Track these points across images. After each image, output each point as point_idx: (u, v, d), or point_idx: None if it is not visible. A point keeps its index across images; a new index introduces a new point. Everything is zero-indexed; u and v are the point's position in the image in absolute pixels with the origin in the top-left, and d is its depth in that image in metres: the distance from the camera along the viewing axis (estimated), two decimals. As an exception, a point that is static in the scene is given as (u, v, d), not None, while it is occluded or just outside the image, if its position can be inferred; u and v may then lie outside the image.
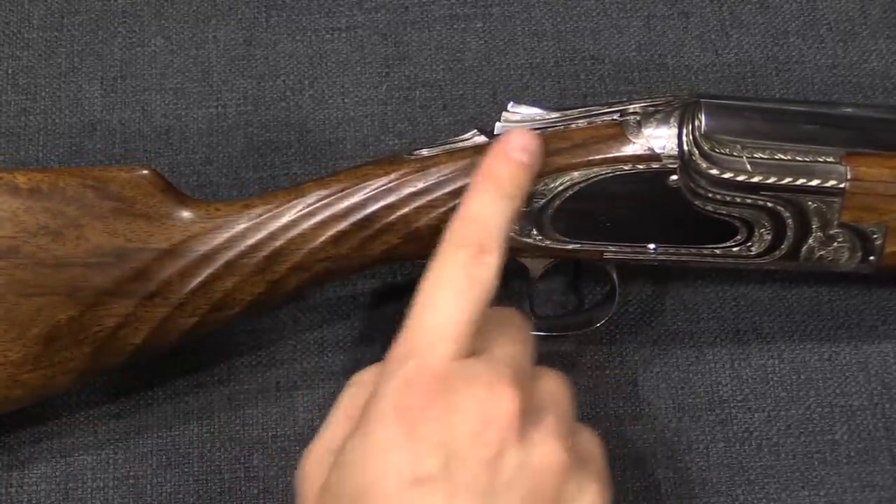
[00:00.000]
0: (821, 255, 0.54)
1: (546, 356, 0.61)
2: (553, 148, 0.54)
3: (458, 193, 0.53)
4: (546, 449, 0.44)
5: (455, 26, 0.67)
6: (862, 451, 0.60)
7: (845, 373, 0.61)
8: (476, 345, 0.46)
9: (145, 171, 0.55)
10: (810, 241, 0.54)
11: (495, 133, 0.55)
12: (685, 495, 0.59)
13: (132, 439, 0.60)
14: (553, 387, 0.48)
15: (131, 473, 0.59)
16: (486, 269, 0.47)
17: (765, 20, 0.67)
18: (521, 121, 0.55)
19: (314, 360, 0.61)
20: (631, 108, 0.54)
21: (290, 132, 0.65)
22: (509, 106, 0.55)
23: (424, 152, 0.55)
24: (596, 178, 0.53)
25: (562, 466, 0.44)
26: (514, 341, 0.48)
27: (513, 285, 0.62)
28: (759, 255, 0.55)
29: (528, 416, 0.45)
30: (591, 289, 0.63)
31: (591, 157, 0.53)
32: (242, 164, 0.64)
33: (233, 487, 0.59)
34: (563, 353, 0.61)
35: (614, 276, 0.58)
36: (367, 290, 0.62)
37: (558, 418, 0.46)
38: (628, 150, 0.53)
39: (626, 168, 0.53)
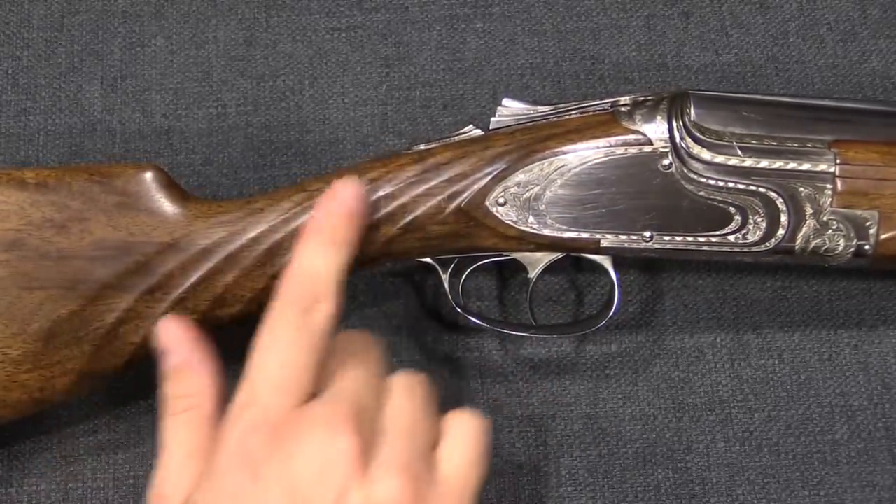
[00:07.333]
0: (816, 244, 0.55)
1: (546, 357, 0.61)
2: (546, 134, 0.55)
3: (454, 181, 0.54)
4: (388, 484, 0.45)
5: (455, 26, 0.67)
6: (862, 451, 0.60)
7: (845, 373, 0.61)
8: (317, 383, 0.47)
9: (150, 168, 0.55)
10: (805, 228, 0.54)
11: (491, 128, 0.56)
12: (685, 495, 0.59)
13: (132, 440, 0.59)
14: (400, 404, 0.48)
15: (131, 474, 0.59)
16: (319, 316, 0.48)
17: (765, 20, 0.67)
18: (513, 115, 0.56)
19: (314, 359, 0.61)
20: (622, 100, 0.56)
21: (290, 132, 0.65)
22: (504, 101, 0.56)
23: (421, 147, 0.55)
24: (590, 163, 0.54)
25: (406, 499, 0.45)
26: (356, 369, 0.48)
27: (512, 286, 0.62)
28: (755, 244, 0.55)
29: (369, 450, 0.46)
30: (590, 290, 0.62)
31: (584, 142, 0.54)
32: (242, 165, 0.64)
33: (232, 487, 0.59)
34: (563, 354, 0.61)
35: (614, 276, 0.58)
36: (367, 290, 0.62)
37: (403, 446, 0.46)
38: (621, 134, 0.54)
39: (619, 152, 0.54)
